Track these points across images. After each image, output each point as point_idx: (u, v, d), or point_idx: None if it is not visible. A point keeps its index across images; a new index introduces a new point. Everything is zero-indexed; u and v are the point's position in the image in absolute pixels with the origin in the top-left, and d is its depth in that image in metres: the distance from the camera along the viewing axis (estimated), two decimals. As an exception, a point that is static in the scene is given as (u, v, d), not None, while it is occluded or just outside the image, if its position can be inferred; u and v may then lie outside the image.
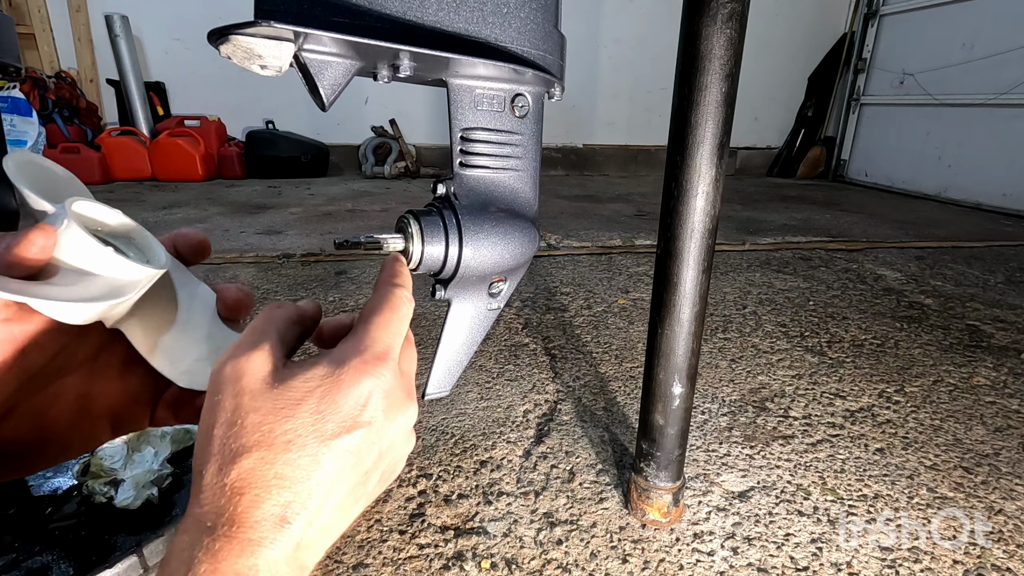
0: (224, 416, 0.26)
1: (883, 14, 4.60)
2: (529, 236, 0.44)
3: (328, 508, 0.26)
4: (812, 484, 0.92)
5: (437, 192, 0.42)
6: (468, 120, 0.41)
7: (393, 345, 0.29)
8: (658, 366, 0.77)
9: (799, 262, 2.22)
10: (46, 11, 3.95)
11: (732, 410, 1.14)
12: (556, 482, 0.92)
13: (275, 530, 0.24)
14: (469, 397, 1.16)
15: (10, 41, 1.71)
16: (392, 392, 0.28)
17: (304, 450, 0.25)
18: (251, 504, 0.24)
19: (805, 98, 5.17)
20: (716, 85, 0.63)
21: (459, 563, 0.76)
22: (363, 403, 0.26)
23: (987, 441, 1.05)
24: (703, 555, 0.78)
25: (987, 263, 2.30)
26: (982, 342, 1.49)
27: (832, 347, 1.44)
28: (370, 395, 0.27)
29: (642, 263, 2.14)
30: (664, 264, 0.72)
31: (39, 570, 0.65)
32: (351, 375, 0.27)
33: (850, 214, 3.34)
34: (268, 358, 0.27)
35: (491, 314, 0.47)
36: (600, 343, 1.43)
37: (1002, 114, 3.70)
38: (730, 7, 0.61)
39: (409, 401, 0.29)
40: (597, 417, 1.10)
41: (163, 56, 4.20)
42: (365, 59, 0.36)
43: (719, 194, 0.69)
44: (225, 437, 0.25)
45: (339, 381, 0.26)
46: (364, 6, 0.34)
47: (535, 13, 0.40)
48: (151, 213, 2.90)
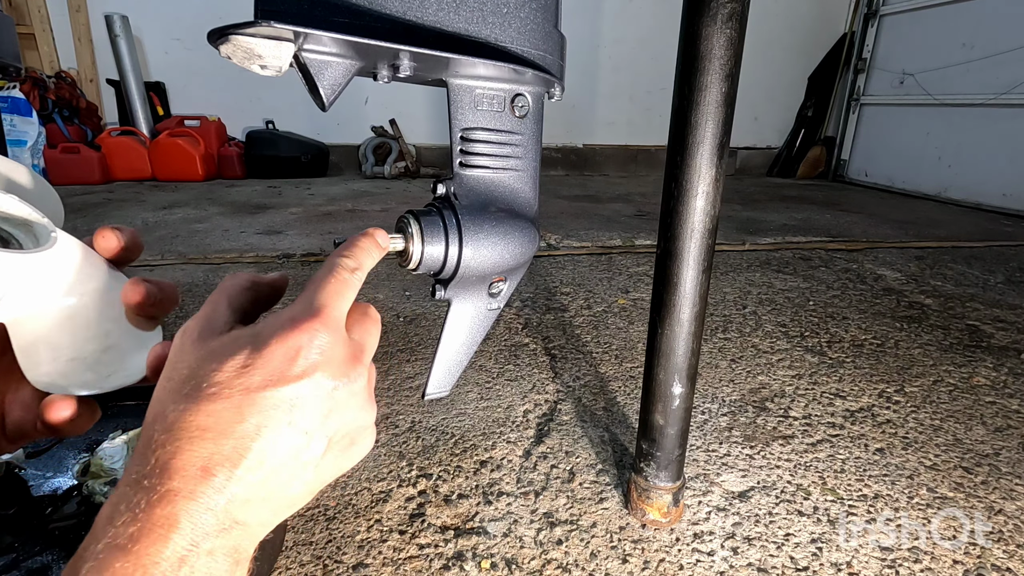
0: (164, 376, 0.27)
1: (883, 14, 4.60)
2: (529, 236, 0.44)
3: (263, 466, 0.25)
4: (812, 484, 0.92)
5: (437, 192, 0.42)
6: (468, 120, 0.41)
7: (330, 305, 0.28)
8: (658, 366, 0.77)
9: (799, 262, 2.22)
10: (46, 11, 3.95)
11: (732, 410, 1.14)
12: (556, 482, 0.92)
13: (197, 481, 0.23)
14: (469, 397, 1.16)
15: (10, 41, 1.71)
16: (330, 351, 0.27)
17: (229, 401, 0.25)
18: (172, 455, 0.24)
19: (805, 98, 5.17)
20: (716, 85, 0.63)
21: (459, 563, 0.76)
22: (292, 357, 0.26)
23: (987, 441, 1.05)
24: (703, 555, 0.78)
25: (987, 263, 2.30)
26: (982, 342, 1.49)
27: (832, 347, 1.44)
28: (299, 350, 0.26)
29: (642, 263, 2.14)
30: (664, 264, 0.72)
31: (39, 570, 0.65)
32: (281, 331, 0.26)
33: (850, 214, 3.33)
34: (208, 320, 0.28)
35: (491, 314, 0.47)
36: (600, 343, 1.43)
37: (1002, 114, 3.70)
38: (730, 7, 0.61)
39: (356, 364, 0.28)
40: (597, 417, 1.10)
41: (163, 56, 4.20)
42: (365, 59, 0.36)
43: (719, 194, 0.69)
44: (162, 395, 0.26)
45: (269, 336, 0.26)
46: (364, 6, 0.34)
47: (535, 13, 0.40)
48: (151, 213, 2.90)
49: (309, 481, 0.27)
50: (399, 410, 1.11)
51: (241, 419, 0.24)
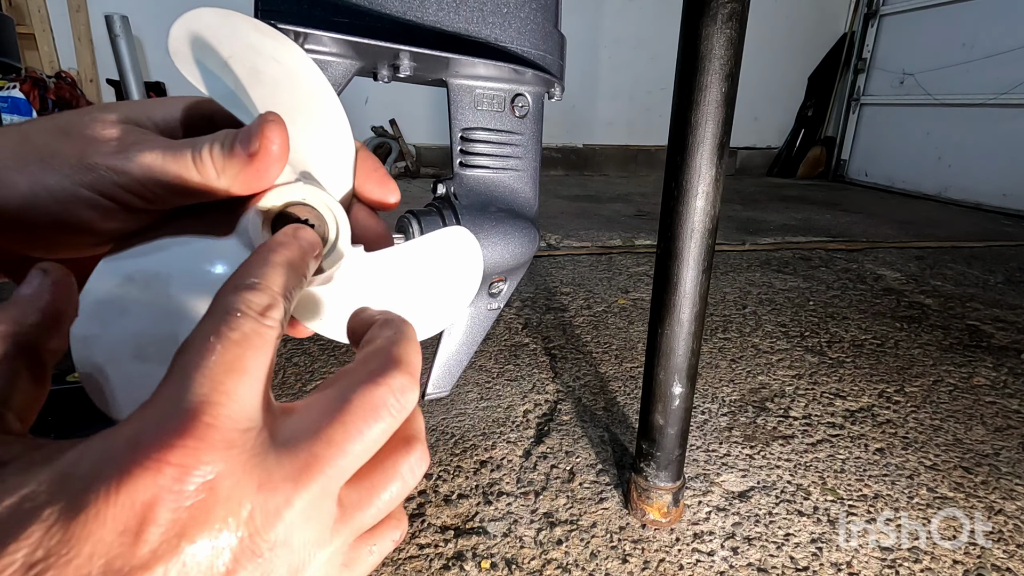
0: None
1: (883, 14, 4.61)
2: (529, 236, 0.44)
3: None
4: (812, 484, 0.92)
5: (437, 192, 0.42)
6: (468, 120, 0.41)
7: (217, 395, 0.15)
8: (658, 366, 0.77)
9: (799, 262, 2.22)
10: (46, 11, 3.95)
11: (732, 410, 1.14)
12: (556, 482, 0.92)
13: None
14: (469, 397, 1.16)
15: (10, 41, 1.71)
16: (224, 493, 0.15)
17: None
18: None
19: (805, 98, 5.17)
20: (716, 85, 0.63)
21: (459, 563, 0.76)
22: (134, 529, 0.14)
23: (987, 441, 1.05)
24: (703, 555, 0.78)
25: (987, 263, 2.30)
26: (982, 342, 1.49)
27: (832, 347, 1.44)
28: (147, 512, 0.14)
29: (642, 263, 2.14)
30: (664, 264, 0.72)
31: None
32: (110, 476, 0.14)
33: (850, 214, 3.33)
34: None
35: (491, 314, 0.47)
36: (600, 343, 1.43)
37: (1002, 114, 3.70)
38: (730, 7, 0.61)
39: (294, 492, 0.16)
40: (597, 417, 1.10)
41: (163, 56, 4.19)
42: (365, 59, 0.36)
43: (719, 194, 0.69)
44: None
45: (88, 487, 0.14)
46: (364, 7, 0.34)
47: (535, 13, 0.40)
48: (151, 213, 2.89)
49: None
50: (399, 410, 1.11)
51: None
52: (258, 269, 0.19)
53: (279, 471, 0.16)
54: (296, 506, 0.16)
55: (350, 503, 0.18)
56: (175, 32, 0.24)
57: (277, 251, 0.20)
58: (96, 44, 4.08)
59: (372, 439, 0.18)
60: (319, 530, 0.17)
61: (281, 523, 0.16)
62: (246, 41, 0.24)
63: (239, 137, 0.21)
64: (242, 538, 0.15)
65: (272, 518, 0.16)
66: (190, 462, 0.14)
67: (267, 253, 0.20)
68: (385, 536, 0.20)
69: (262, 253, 0.20)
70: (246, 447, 0.15)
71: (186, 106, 0.26)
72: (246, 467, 0.15)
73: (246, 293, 0.18)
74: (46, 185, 0.21)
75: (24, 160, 0.21)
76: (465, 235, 0.29)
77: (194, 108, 0.26)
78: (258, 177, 0.22)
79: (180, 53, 0.24)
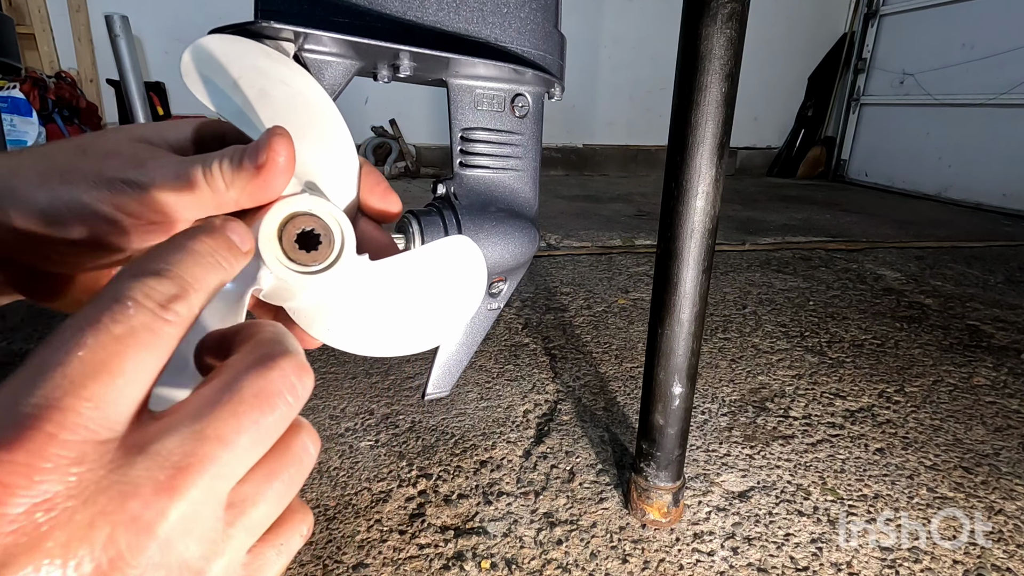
0: None
1: (883, 14, 4.61)
2: (529, 236, 0.44)
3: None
4: (812, 484, 0.92)
5: (437, 192, 0.42)
6: (468, 120, 0.41)
7: (69, 400, 0.13)
8: (658, 366, 0.77)
9: (799, 262, 2.22)
10: (46, 11, 3.95)
11: (732, 410, 1.14)
12: (556, 482, 0.92)
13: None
14: (469, 397, 1.16)
15: (10, 41, 1.71)
16: (54, 519, 0.12)
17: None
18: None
19: (805, 98, 5.17)
20: (716, 85, 0.63)
21: (459, 563, 0.76)
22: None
23: (987, 441, 1.05)
24: (703, 555, 0.78)
25: (987, 263, 2.30)
26: (982, 342, 1.49)
27: (832, 347, 1.44)
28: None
29: (642, 263, 2.14)
30: (664, 264, 0.72)
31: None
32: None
33: (850, 214, 3.33)
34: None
35: (491, 314, 0.47)
36: (600, 343, 1.43)
37: (1002, 114, 3.70)
38: (730, 7, 0.61)
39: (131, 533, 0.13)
40: (597, 417, 1.10)
41: (163, 56, 4.20)
42: (365, 59, 0.36)
43: (719, 194, 0.69)
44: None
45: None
46: (364, 6, 0.34)
47: (535, 13, 0.40)
48: (151, 213, 2.90)
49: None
50: (399, 410, 1.11)
51: None
52: (171, 254, 0.16)
53: (148, 481, 0.14)
54: (171, 517, 0.14)
55: (239, 500, 0.16)
56: (187, 58, 0.25)
57: (198, 237, 0.17)
58: (96, 44, 4.08)
59: (265, 430, 0.16)
60: (206, 540, 0.15)
61: (154, 541, 0.13)
62: (255, 65, 0.26)
63: (247, 151, 0.22)
64: (98, 566, 0.13)
65: (142, 537, 0.13)
66: (15, 481, 0.12)
67: (185, 238, 0.17)
68: (291, 531, 0.18)
69: (179, 237, 0.17)
70: (103, 460, 0.13)
71: (197, 127, 0.27)
72: (102, 483, 0.13)
73: (149, 279, 0.15)
74: (64, 200, 0.22)
75: (45, 177, 0.22)
76: (469, 245, 0.29)
77: (205, 128, 0.27)
78: (265, 188, 0.22)
79: (192, 76, 0.25)
